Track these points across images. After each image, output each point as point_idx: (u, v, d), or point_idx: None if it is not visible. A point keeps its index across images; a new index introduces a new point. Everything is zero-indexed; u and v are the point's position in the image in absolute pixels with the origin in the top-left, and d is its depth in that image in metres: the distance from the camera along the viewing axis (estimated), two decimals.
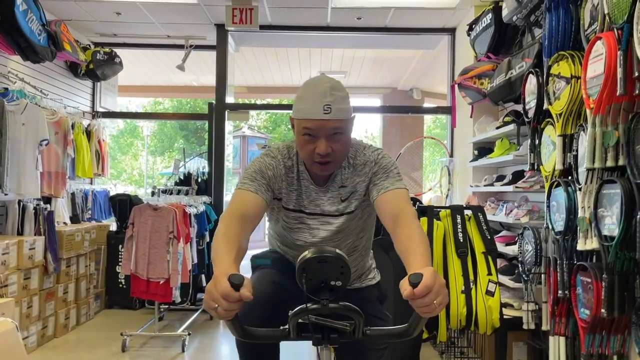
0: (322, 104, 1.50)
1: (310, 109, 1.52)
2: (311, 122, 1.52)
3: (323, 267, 1.07)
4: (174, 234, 3.98)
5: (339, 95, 1.53)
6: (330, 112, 1.51)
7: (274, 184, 1.63)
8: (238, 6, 4.63)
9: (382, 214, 1.54)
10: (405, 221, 1.44)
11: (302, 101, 1.55)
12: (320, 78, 1.59)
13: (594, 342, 2.27)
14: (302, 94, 1.57)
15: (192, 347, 4.08)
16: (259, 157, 1.68)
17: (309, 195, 1.68)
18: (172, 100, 17.66)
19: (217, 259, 1.27)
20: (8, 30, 3.62)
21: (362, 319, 1.11)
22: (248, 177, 1.58)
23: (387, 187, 1.57)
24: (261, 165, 1.63)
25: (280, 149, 1.71)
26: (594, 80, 2.19)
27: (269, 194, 1.60)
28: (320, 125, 1.52)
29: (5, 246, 3.47)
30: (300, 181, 1.69)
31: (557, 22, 2.60)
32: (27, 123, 3.79)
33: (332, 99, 1.51)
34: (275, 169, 1.64)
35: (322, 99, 1.51)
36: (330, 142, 1.54)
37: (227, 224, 1.40)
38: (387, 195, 1.55)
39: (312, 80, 1.59)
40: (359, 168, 1.67)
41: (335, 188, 1.68)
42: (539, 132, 2.80)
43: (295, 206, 1.69)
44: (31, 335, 3.82)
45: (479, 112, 4.28)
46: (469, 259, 2.75)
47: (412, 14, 4.88)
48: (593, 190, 2.21)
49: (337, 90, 1.54)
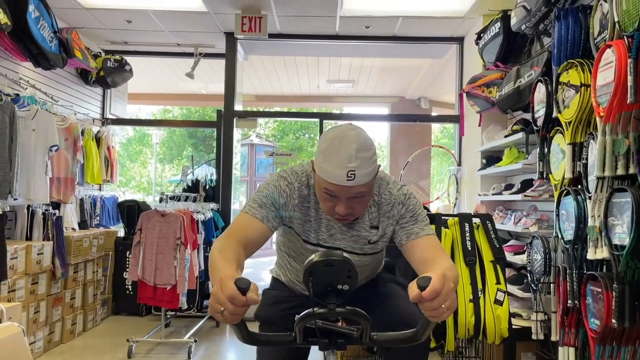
0: (346, 170, 1.40)
1: (333, 173, 1.42)
2: (333, 186, 1.44)
3: (330, 271, 1.06)
4: (182, 240, 3.99)
5: (364, 157, 1.42)
6: (354, 178, 1.41)
7: (284, 212, 1.56)
8: (247, 15, 4.66)
9: (413, 260, 1.51)
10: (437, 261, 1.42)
11: (325, 159, 1.44)
12: (347, 133, 1.44)
13: (604, 353, 2.23)
14: (325, 149, 1.45)
15: (198, 354, 4.06)
16: (274, 180, 1.59)
17: (330, 228, 1.62)
18: (182, 109, 17.75)
19: (217, 269, 1.24)
20: (20, 37, 3.66)
21: (369, 323, 1.10)
22: (257, 202, 1.52)
23: (417, 232, 1.54)
24: (274, 191, 1.55)
25: (298, 173, 1.62)
26: (604, 88, 2.17)
27: (276, 222, 1.54)
28: (343, 190, 1.44)
29: (14, 251, 3.48)
30: (318, 212, 1.61)
31: (566, 31, 2.60)
32: (37, 129, 3.82)
33: (357, 164, 1.41)
34: (289, 197, 1.56)
35: (347, 165, 1.40)
36: (351, 202, 1.48)
37: (225, 244, 1.36)
38: (417, 242, 1.52)
39: (337, 134, 1.46)
40: (385, 208, 1.61)
41: (364, 228, 1.62)
42: (548, 140, 2.78)
43: (314, 239, 1.63)
44: (38, 341, 3.82)
45: (487, 121, 4.27)
46: (477, 268, 2.72)
47: (420, 23, 4.89)
48: (603, 198, 2.19)
49: (364, 151, 1.43)
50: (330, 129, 1.51)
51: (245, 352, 4.19)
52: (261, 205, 1.51)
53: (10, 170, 3.50)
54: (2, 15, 3.32)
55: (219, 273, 1.20)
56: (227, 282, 1.04)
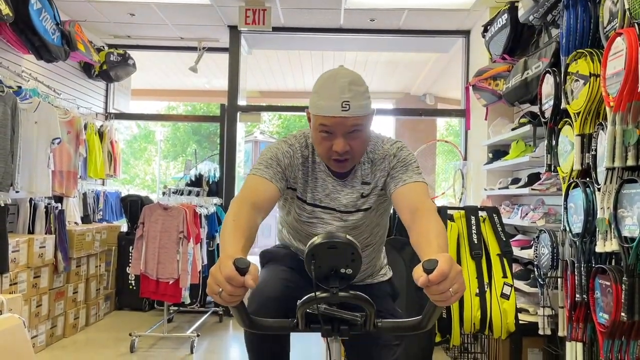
0: (341, 101, 1.43)
1: (328, 106, 1.45)
2: (328, 119, 1.45)
3: (333, 254, 1.02)
4: (184, 234, 3.96)
5: (358, 90, 1.46)
6: (349, 109, 1.43)
7: (289, 172, 1.57)
8: (251, 7, 4.63)
9: (400, 208, 1.49)
10: (423, 215, 1.38)
11: (319, 96, 1.48)
12: (339, 71, 1.50)
13: (612, 348, 2.19)
14: (319, 88, 1.49)
15: (201, 348, 4.04)
16: (276, 143, 1.61)
17: (325, 188, 1.63)
18: (186, 105, 17.75)
19: (224, 243, 1.23)
20: (22, 29, 3.64)
21: (373, 309, 1.06)
22: (263, 163, 1.52)
23: (406, 180, 1.52)
24: (277, 151, 1.56)
25: (297, 136, 1.65)
26: (614, 77, 2.13)
27: (283, 183, 1.54)
28: (338, 123, 1.45)
29: (16, 244, 3.47)
30: (316, 173, 1.63)
31: (575, 20, 2.55)
32: (39, 121, 3.79)
33: (351, 95, 1.44)
34: (292, 158, 1.58)
35: (341, 95, 1.44)
36: (349, 139, 1.48)
37: (238, 210, 1.34)
38: (405, 188, 1.50)
39: (330, 73, 1.51)
40: (378, 162, 1.61)
41: (357, 184, 1.62)
42: (556, 132, 2.74)
43: (310, 199, 1.63)
44: (40, 335, 3.81)
45: (494, 114, 4.22)
46: (483, 261, 2.68)
47: (426, 16, 4.84)
48: (613, 190, 2.15)
49: (357, 84, 1.47)
50: (322, 74, 1.54)
51: None
52: (267, 166, 1.52)
53: (12, 163, 3.48)
54: (4, 5, 3.30)
55: (224, 249, 1.21)
56: (225, 262, 1.02)
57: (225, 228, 1.28)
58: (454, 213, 2.87)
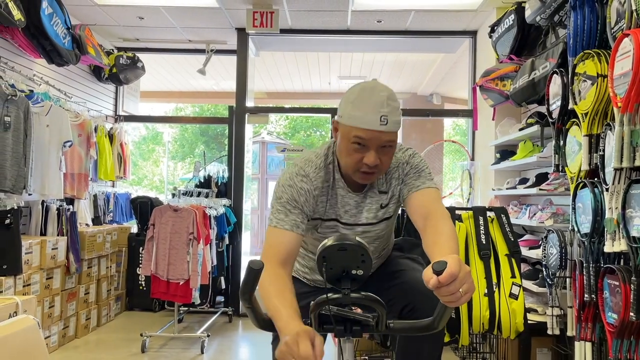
0: (380, 115, 1.42)
1: (366, 118, 1.43)
2: (365, 132, 1.43)
3: (343, 256, 1.04)
4: (194, 235, 4.00)
5: (394, 106, 1.45)
6: (387, 123, 1.43)
7: (307, 208, 1.55)
8: (259, 10, 4.66)
9: (413, 213, 1.51)
10: (435, 220, 1.42)
11: (357, 108, 1.45)
12: (376, 85, 1.48)
13: (621, 348, 2.20)
14: (356, 99, 1.46)
15: (211, 348, 4.07)
16: (289, 180, 1.56)
17: (345, 204, 1.62)
18: (194, 106, 17.83)
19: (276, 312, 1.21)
20: (34, 34, 3.69)
21: (384, 310, 1.09)
22: (282, 211, 1.50)
23: (418, 186, 1.55)
24: (292, 191, 1.54)
25: (312, 160, 1.61)
26: (622, 78, 2.13)
27: (305, 223, 1.54)
28: (374, 137, 1.44)
29: (29, 246, 3.51)
30: (335, 190, 1.62)
31: (582, 21, 2.55)
32: (51, 125, 3.85)
33: (389, 110, 1.43)
34: (308, 193, 1.56)
35: (380, 109, 1.42)
36: (380, 153, 1.47)
37: (271, 273, 1.34)
38: (417, 194, 1.53)
39: (367, 85, 1.48)
40: (392, 171, 1.62)
41: (375, 194, 1.63)
42: (564, 133, 2.74)
43: (330, 216, 1.63)
44: (53, 335, 3.86)
45: (501, 115, 4.22)
46: (491, 262, 2.69)
47: (432, 17, 4.85)
48: (621, 190, 2.15)
49: (393, 100, 1.46)
50: (355, 85, 1.52)
51: (258, 347, 4.20)
52: (287, 213, 1.50)
53: (24, 166, 3.53)
54: (17, 11, 3.34)
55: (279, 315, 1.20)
56: (304, 338, 1.05)
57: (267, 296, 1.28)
58: (462, 213, 2.88)
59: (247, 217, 5.40)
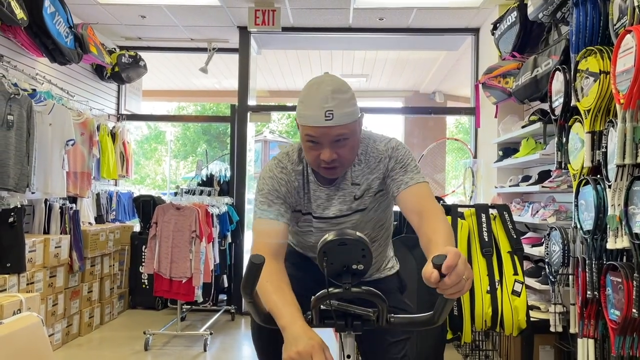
0: (324, 110, 1.41)
1: (311, 115, 1.43)
2: (313, 129, 1.43)
3: (344, 250, 1.05)
4: (197, 233, 4.00)
5: (342, 98, 1.43)
6: (332, 118, 1.41)
7: (289, 198, 1.58)
8: (261, 8, 4.66)
9: (406, 211, 1.50)
10: (429, 217, 1.40)
11: (304, 106, 1.46)
12: (323, 79, 1.47)
13: (624, 344, 2.19)
14: (303, 97, 1.47)
15: (214, 346, 4.08)
16: (269, 172, 1.60)
17: (317, 198, 1.62)
18: (196, 105, 17.85)
19: (278, 311, 1.23)
20: (36, 33, 3.70)
21: (385, 305, 1.09)
22: (265, 202, 1.53)
23: (407, 182, 1.52)
24: (273, 182, 1.56)
25: (289, 154, 1.64)
26: (624, 74, 2.13)
27: (288, 212, 1.55)
28: (323, 133, 1.43)
29: (32, 244, 3.53)
30: (308, 184, 1.62)
31: (584, 17, 2.55)
32: (54, 123, 3.86)
33: (334, 103, 1.41)
34: (288, 183, 1.58)
35: (324, 105, 1.41)
36: (335, 148, 1.46)
37: (267, 268, 1.33)
38: (408, 191, 1.51)
39: (314, 81, 1.48)
40: (372, 164, 1.59)
41: (347, 186, 1.61)
42: (567, 130, 2.74)
43: (306, 210, 1.64)
44: (56, 333, 3.87)
45: (504, 112, 4.22)
46: (494, 259, 2.69)
47: (435, 14, 4.85)
48: (623, 187, 2.15)
49: (340, 92, 1.44)
50: (308, 81, 1.52)
51: None
52: (269, 203, 1.52)
53: (27, 164, 3.54)
54: (19, 10, 3.35)
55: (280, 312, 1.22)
56: (318, 353, 1.08)
57: (266, 293, 1.29)
58: (464, 211, 2.88)
59: (250, 216, 5.41)
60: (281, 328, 1.16)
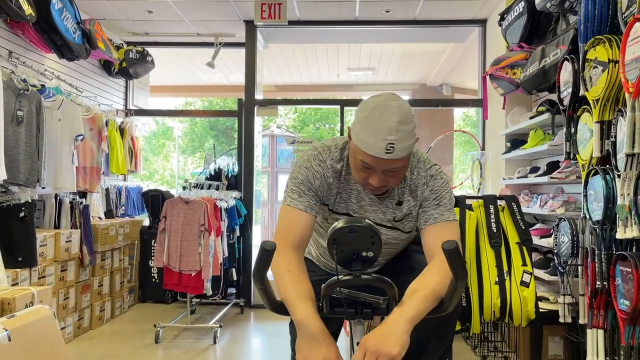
0: (386, 143, 1.34)
1: (372, 145, 1.36)
2: (370, 157, 1.38)
3: (353, 238, 1.05)
4: (205, 227, 4.02)
5: (405, 130, 1.37)
6: (393, 152, 1.36)
7: (321, 192, 1.55)
8: (267, 1, 4.66)
9: (424, 246, 1.49)
10: (432, 266, 1.37)
11: (364, 130, 1.38)
12: (389, 104, 1.39)
13: (634, 334, 2.19)
14: (364, 119, 1.40)
15: (223, 339, 4.11)
16: (307, 162, 1.57)
17: (360, 199, 1.59)
18: (203, 100, 17.88)
19: (292, 303, 1.22)
20: (44, 29, 3.72)
21: (395, 291, 1.09)
22: (296, 191, 1.51)
23: (437, 218, 1.49)
24: (308, 173, 1.54)
25: (330, 149, 1.59)
26: (633, 63, 2.11)
27: (317, 206, 1.54)
28: (380, 163, 1.39)
29: (43, 238, 3.56)
30: (350, 184, 1.59)
31: (592, 6, 2.52)
32: (63, 119, 3.88)
33: (398, 137, 1.35)
34: (323, 178, 1.55)
35: (386, 137, 1.35)
36: (387, 175, 1.44)
37: (287, 257, 1.35)
38: (432, 228, 1.48)
39: (378, 102, 1.41)
40: (413, 187, 1.57)
41: (391, 204, 1.58)
42: (575, 120, 2.72)
43: (343, 209, 1.61)
44: (68, 326, 3.91)
45: (512, 104, 4.19)
46: (502, 250, 2.68)
47: (441, 6, 4.82)
48: (633, 176, 2.14)
49: (405, 123, 1.37)
50: (371, 98, 1.45)
51: (270, 338, 4.23)
52: (300, 193, 1.50)
53: (37, 159, 3.57)
54: (27, 6, 3.37)
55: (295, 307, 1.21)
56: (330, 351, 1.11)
57: (282, 281, 1.28)
58: (472, 202, 2.87)
59: (258, 210, 5.43)
60: (295, 322, 1.17)
